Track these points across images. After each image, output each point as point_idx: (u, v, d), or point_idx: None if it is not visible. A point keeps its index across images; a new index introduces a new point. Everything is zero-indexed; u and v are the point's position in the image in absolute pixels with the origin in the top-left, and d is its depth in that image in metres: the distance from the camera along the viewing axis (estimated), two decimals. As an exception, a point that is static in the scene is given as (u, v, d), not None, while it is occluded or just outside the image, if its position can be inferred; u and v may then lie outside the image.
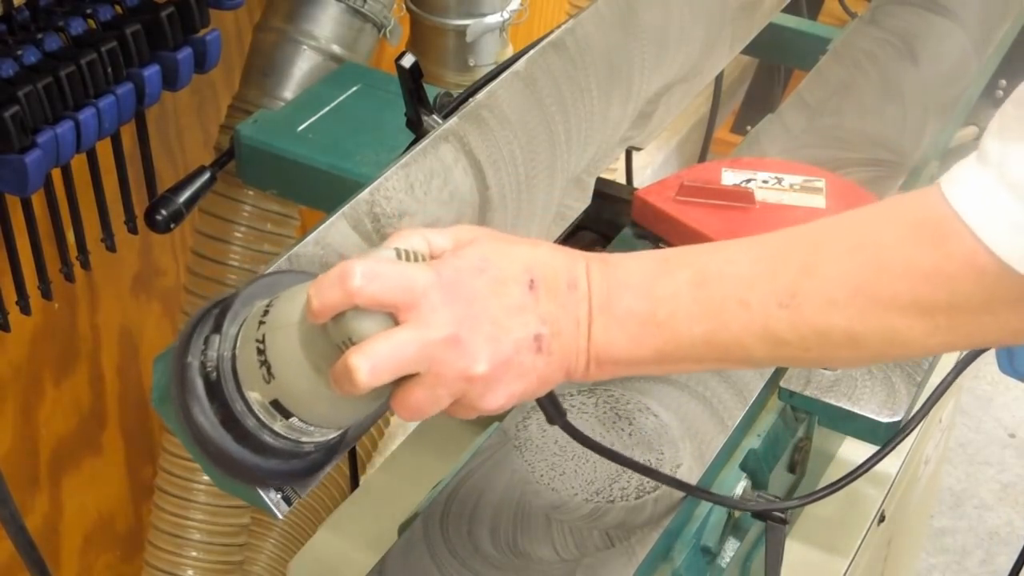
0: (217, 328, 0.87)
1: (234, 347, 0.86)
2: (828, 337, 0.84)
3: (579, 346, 0.87)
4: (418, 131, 1.26)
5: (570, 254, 0.89)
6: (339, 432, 0.91)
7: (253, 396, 0.86)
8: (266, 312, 0.86)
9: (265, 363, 0.84)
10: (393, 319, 0.83)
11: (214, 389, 0.86)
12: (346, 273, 0.81)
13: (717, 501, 1.16)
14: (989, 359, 1.21)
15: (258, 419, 0.86)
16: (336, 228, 1.03)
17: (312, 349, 0.84)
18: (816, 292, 0.84)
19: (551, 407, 0.94)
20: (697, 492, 1.13)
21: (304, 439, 0.88)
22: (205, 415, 0.86)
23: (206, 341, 0.87)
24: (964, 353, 1.23)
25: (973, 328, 0.83)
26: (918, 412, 1.22)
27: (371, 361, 0.81)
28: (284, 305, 0.86)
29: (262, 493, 0.99)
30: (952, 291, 0.82)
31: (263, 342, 0.84)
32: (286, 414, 0.85)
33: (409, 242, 0.88)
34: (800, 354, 0.86)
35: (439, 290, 0.83)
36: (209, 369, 0.86)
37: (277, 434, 0.87)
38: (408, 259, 0.86)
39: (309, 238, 1.00)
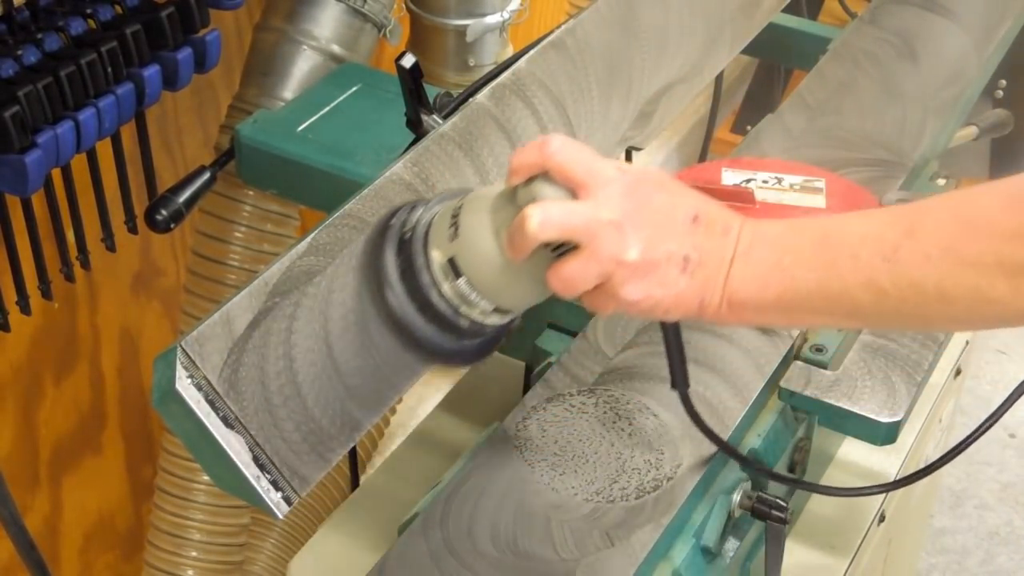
0: (425, 203, 1.04)
1: (433, 216, 1.02)
2: (922, 291, 0.92)
3: (717, 282, 0.97)
4: (418, 131, 1.26)
5: (732, 210, 1.02)
6: (493, 313, 1.01)
7: (434, 255, 1.00)
8: (469, 192, 1.02)
9: (455, 223, 0.99)
10: (574, 197, 0.95)
11: (403, 246, 1.01)
12: (546, 140, 0.95)
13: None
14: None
15: (432, 277, 1.00)
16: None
17: (498, 214, 0.97)
18: (915, 248, 0.92)
19: (679, 371, 1.08)
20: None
21: (463, 309, 1.00)
22: (390, 265, 1.01)
23: (410, 211, 1.03)
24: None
25: None
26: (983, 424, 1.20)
27: (543, 214, 0.93)
28: (484, 188, 1.02)
29: (262, 493, 0.99)
30: None
31: (459, 208, 1.00)
32: (457, 273, 0.99)
33: None
34: (899, 306, 0.93)
35: (620, 186, 0.96)
36: (405, 230, 1.02)
37: (442, 295, 1.00)
38: None
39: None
